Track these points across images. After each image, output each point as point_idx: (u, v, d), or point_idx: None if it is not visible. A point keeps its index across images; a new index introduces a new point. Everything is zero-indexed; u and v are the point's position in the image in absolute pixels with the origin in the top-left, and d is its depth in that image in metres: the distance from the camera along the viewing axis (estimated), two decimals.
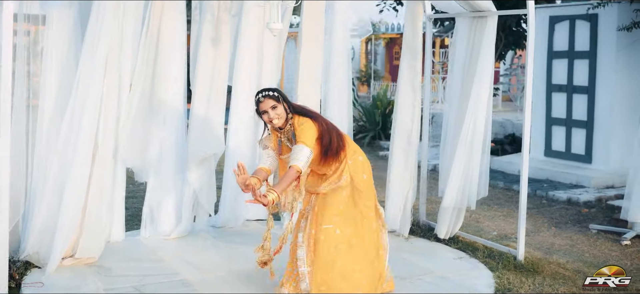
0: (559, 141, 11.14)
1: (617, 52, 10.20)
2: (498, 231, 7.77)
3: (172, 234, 6.87)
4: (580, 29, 10.71)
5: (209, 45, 6.81)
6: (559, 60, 11.05)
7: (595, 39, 10.50)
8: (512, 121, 13.99)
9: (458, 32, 6.99)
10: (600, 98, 10.54)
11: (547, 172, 10.67)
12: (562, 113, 11.05)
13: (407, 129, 7.20)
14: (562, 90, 11.02)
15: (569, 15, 10.84)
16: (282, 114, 5.07)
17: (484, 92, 6.66)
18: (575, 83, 10.85)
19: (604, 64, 10.44)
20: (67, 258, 5.93)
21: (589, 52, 10.60)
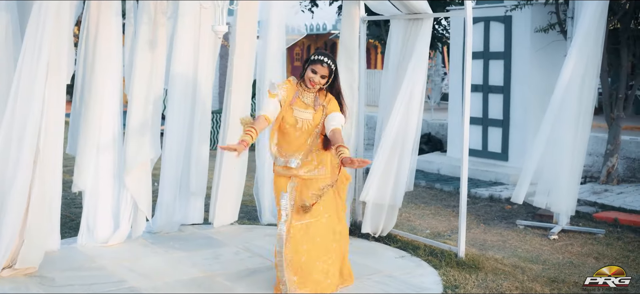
0: (476, 140, 11.47)
1: (532, 53, 10.59)
2: (431, 229, 7.93)
3: (110, 241, 6.70)
4: (495, 30, 11.07)
5: (146, 48, 6.68)
6: (474, 61, 11.35)
7: (510, 40, 10.87)
8: (427, 120, 14.29)
9: (392, 34, 7.10)
10: (515, 97, 10.93)
11: None
12: (479, 112, 11.39)
13: (346, 131, 7.24)
14: (478, 90, 11.35)
15: (483, 17, 11.18)
16: (321, 84, 5.39)
17: (417, 94, 6.80)
18: (490, 83, 11.19)
19: (518, 65, 10.83)
20: (5, 268, 5.69)
21: (504, 53, 10.96)
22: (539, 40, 10.48)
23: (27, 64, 5.49)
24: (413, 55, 6.76)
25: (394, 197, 6.92)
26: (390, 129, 6.78)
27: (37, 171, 5.69)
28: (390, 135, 6.78)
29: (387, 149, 6.82)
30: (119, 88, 6.67)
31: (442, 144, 13.12)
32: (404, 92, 6.77)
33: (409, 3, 6.61)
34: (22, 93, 5.49)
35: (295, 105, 5.39)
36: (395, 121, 6.79)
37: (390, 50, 7.12)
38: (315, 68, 5.35)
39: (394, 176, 6.88)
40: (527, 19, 10.58)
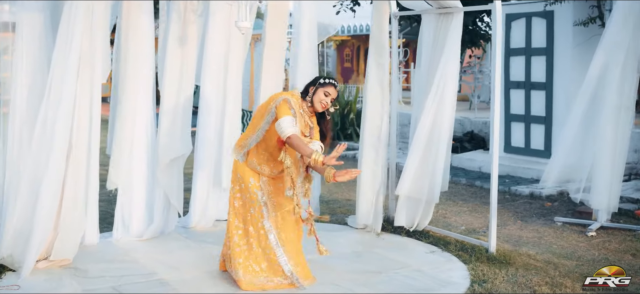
0: (519, 137, 11.36)
1: (574, 47, 10.44)
2: (466, 226, 7.89)
3: (144, 236, 6.84)
4: (537, 26, 10.93)
5: (176, 46, 6.80)
6: (516, 57, 11.26)
7: (552, 36, 10.73)
8: (470, 118, 14.18)
9: (424, 30, 7.09)
10: (558, 94, 10.78)
11: (507, 168, 10.87)
12: (521, 109, 11.27)
13: (376, 126, 7.28)
14: (521, 87, 11.23)
15: (525, 12, 11.06)
16: (328, 108, 5.41)
17: (449, 89, 6.78)
18: (533, 79, 11.07)
19: (560, 60, 10.67)
20: (41, 260, 5.87)
21: (546, 48, 10.82)
22: (581, 34, 10.33)
23: (58, 63, 5.64)
24: (444, 50, 6.74)
25: (431, 193, 6.91)
26: (423, 125, 6.77)
27: (70, 167, 5.84)
28: (424, 130, 6.77)
29: (421, 144, 6.82)
30: (152, 86, 6.80)
31: (485, 142, 13.00)
32: (436, 87, 6.76)
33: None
34: (53, 91, 5.63)
35: (304, 134, 5.34)
36: (429, 117, 6.78)
37: (422, 46, 7.11)
38: (328, 91, 5.34)
39: (430, 172, 6.87)
40: (569, 14, 10.43)
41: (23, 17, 5.79)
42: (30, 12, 5.79)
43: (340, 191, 9.89)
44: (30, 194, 5.67)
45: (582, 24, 9.83)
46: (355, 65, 31.05)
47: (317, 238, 5.60)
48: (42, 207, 5.62)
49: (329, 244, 6.69)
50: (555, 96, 10.81)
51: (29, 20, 5.80)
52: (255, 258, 5.51)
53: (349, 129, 15.08)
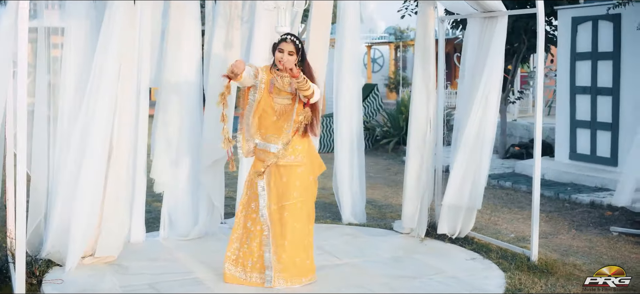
0: (584, 144, 11.07)
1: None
2: (516, 234, 7.75)
3: (190, 235, 6.99)
4: (603, 29, 10.65)
5: (221, 50, 6.94)
6: (582, 61, 10.99)
7: (619, 40, 10.43)
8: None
9: (469, 34, 7.02)
10: (625, 99, 10.46)
11: (571, 175, 10.61)
12: (587, 115, 10.99)
13: (422, 130, 7.25)
14: (586, 92, 10.96)
15: (591, 16, 10.79)
16: (292, 62, 5.46)
17: (492, 93, 6.69)
18: (599, 85, 10.78)
19: (628, 65, 10.37)
20: (87, 256, 6.09)
21: (613, 53, 10.53)
22: None
23: (98, 64, 5.83)
24: (489, 55, 6.66)
25: (472, 199, 6.84)
26: (468, 130, 6.70)
27: (111, 167, 6.04)
28: (468, 136, 6.71)
29: (465, 150, 6.75)
30: (199, 89, 6.94)
31: (552, 148, 12.71)
32: (480, 92, 6.68)
33: (482, 2, 6.51)
34: (94, 92, 5.83)
35: (274, 93, 5.56)
36: (473, 121, 6.71)
37: (467, 50, 7.04)
38: (281, 47, 5.50)
39: (472, 178, 6.80)
40: (636, 17, 10.10)
41: (71, 23, 6.03)
42: (77, 18, 6.02)
43: (396, 196, 9.86)
44: (70, 193, 5.87)
45: None
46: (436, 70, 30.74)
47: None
48: (81, 206, 5.82)
49: (369, 248, 6.78)
50: (622, 102, 10.49)
51: (76, 26, 6.03)
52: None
53: None
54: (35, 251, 6.02)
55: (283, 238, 5.59)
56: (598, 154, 10.89)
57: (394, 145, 14.72)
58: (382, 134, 15.18)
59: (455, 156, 6.87)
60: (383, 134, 15.20)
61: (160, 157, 6.95)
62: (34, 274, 5.62)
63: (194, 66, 6.89)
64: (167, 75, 6.83)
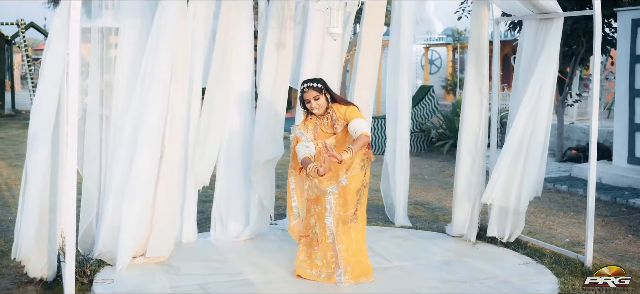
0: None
1: None
2: (571, 238, 7.61)
3: (241, 237, 7.02)
4: None
5: (273, 51, 6.95)
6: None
7: None
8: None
9: (524, 35, 6.91)
10: None
11: (630, 179, 10.37)
12: None
13: (474, 133, 7.16)
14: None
15: None
16: (323, 104, 5.72)
17: (546, 95, 6.57)
18: None
19: None
20: (138, 256, 6.16)
21: None
22: None
23: (149, 66, 5.89)
24: (542, 56, 6.54)
25: (517, 202, 6.73)
26: (514, 131, 6.61)
27: (163, 167, 6.10)
28: (514, 137, 6.61)
29: (511, 151, 6.64)
30: (250, 89, 6.97)
31: (610, 152, 12.44)
32: (530, 93, 6.57)
33: (537, 3, 6.41)
34: (145, 91, 5.89)
35: (318, 139, 5.75)
36: (521, 122, 6.60)
37: (522, 51, 6.93)
38: (305, 98, 5.75)
39: (518, 180, 6.69)
40: None
41: (124, 23, 6.10)
42: (131, 17, 6.09)
43: (449, 198, 9.75)
44: (122, 192, 5.95)
45: None
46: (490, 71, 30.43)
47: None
48: (132, 206, 5.89)
49: (420, 251, 6.73)
50: None
51: (130, 25, 6.09)
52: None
53: None
54: (87, 251, 6.13)
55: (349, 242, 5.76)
56: None
57: (449, 147, 14.58)
58: (437, 136, 15.06)
59: (500, 156, 6.76)
60: (438, 136, 15.08)
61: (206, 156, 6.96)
62: (85, 273, 5.69)
63: (245, 66, 6.92)
64: (217, 75, 6.86)
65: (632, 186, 10.24)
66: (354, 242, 5.78)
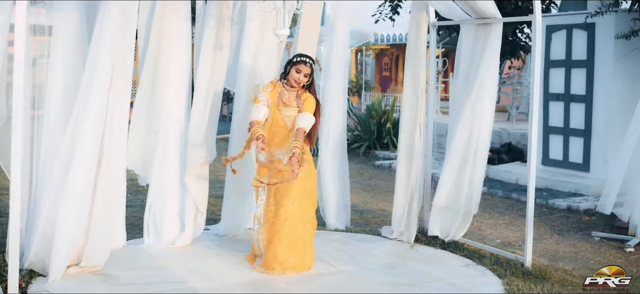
0: (557, 150, 11.18)
1: (615, 60, 10.24)
2: (501, 239, 7.76)
3: (176, 243, 6.80)
4: (578, 38, 10.75)
5: (209, 52, 6.77)
6: (556, 69, 11.08)
7: (593, 48, 10.54)
8: (508, 130, 14.01)
9: (462, 39, 6.99)
10: (598, 107, 10.58)
11: (545, 181, 10.68)
12: (560, 122, 11.09)
13: (410, 136, 7.21)
14: (560, 99, 11.05)
15: (566, 24, 10.88)
16: (305, 82, 6.06)
17: (487, 99, 6.68)
18: (572, 92, 10.88)
19: (601, 73, 10.49)
20: (72, 266, 5.85)
21: (587, 61, 10.64)
22: (622, 47, 10.13)
23: (92, 67, 5.62)
24: (483, 61, 6.64)
25: (469, 204, 6.82)
26: (459, 136, 6.69)
27: (101, 172, 5.83)
28: (461, 141, 6.70)
29: (458, 155, 6.74)
30: (187, 92, 6.77)
31: (523, 154, 12.82)
32: (474, 98, 6.66)
33: (477, 7, 6.49)
34: (87, 96, 5.62)
35: (281, 106, 6.06)
36: (466, 127, 6.69)
37: (460, 56, 7.01)
38: (300, 68, 6.03)
39: (467, 183, 6.79)
40: (610, 26, 10.23)
41: (59, 21, 5.78)
42: (66, 16, 5.78)
43: (375, 201, 9.82)
44: (58, 199, 5.63)
45: (624, 36, 9.65)
46: (394, 74, 30.95)
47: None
48: (68, 213, 5.59)
49: (361, 255, 6.70)
50: (595, 109, 10.61)
51: (65, 24, 5.78)
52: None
53: (385, 139, 14.99)
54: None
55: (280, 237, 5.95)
56: (570, 159, 11.00)
57: (365, 149, 14.68)
58: (352, 138, 15.11)
59: (447, 160, 6.85)
60: (353, 138, 15.14)
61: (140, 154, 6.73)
62: (19, 285, 5.36)
63: (181, 68, 6.70)
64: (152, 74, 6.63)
65: (548, 187, 10.55)
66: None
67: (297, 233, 6.04)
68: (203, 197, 6.98)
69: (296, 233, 6.04)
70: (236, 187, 7.17)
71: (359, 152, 14.68)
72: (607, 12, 9.68)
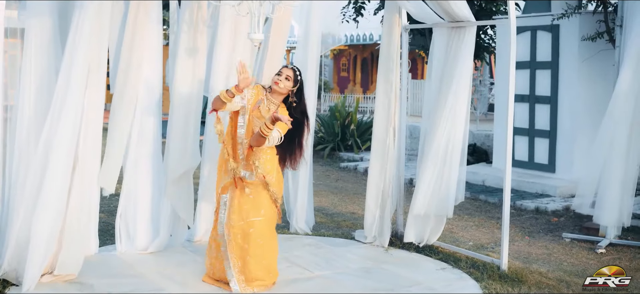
0: (522, 151, 11.28)
1: (580, 62, 10.37)
2: (474, 241, 7.79)
3: (149, 249, 6.69)
4: (542, 39, 10.86)
5: (186, 56, 6.66)
6: (520, 70, 11.15)
7: (557, 50, 10.66)
8: (473, 131, 14.08)
9: (435, 43, 7.00)
10: (562, 108, 10.71)
11: (511, 181, 10.60)
12: (525, 123, 11.19)
13: (382, 140, 7.21)
14: (525, 100, 11.15)
15: (530, 26, 10.99)
16: (284, 90, 5.61)
17: (461, 103, 6.70)
18: (537, 93, 10.99)
19: (566, 74, 10.61)
20: (46, 274, 5.72)
21: (551, 62, 10.76)
22: (587, 49, 10.27)
23: (67, 72, 5.50)
24: (457, 66, 6.65)
25: (443, 208, 6.83)
26: (437, 140, 6.70)
27: (76, 178, 5.71)
28: (436, 146, 6.70)
29: (433, 160, 6.74)
30: (159, 95, 6.66)
31: (488, 155, 12.93)
32: (450, 103, 6.67)
33: (450, 9, 6.51)
34: (62, 101, 5.49)
35: (255, 114, 5.60)
36: (443, 131, 6.71)
37: (433, 60, 7.03)
38: (281, 70, 5.65)
39: (443, 187, 6.80)
40: (575, 28, 10.37)
41: (32, 24, 5.65)
42: (39, 18, 5.66)
43: (344, 203, 9.80)
44: (33, 206, 5.50)
45: (589, 38, 9.78)
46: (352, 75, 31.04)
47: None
48: (43, 220, 5.47)
49: (337, 259, 6.68)
50: (560, 110, 10.74)
51: (38, 27, 5.66)
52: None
53: (349, 140, 14.99)
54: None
55: (246, 253, 5.63)
56: (536, 160, 11.11)
57: (330, 151, 14.66)
58: (316, 141, 15.08)
59: (422, 166, 6.85)
60: (317, 141, 15.11)
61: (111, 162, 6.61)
62: None
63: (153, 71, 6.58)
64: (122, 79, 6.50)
65: (514, 188, 10.63)
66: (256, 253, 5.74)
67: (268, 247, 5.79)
68: (185, 203, 6.87)
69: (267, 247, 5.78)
70: (209, 191, 7.08)
71: (323, 154, 14.65)
72: (572, 15, 9.79)
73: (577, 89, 10.51)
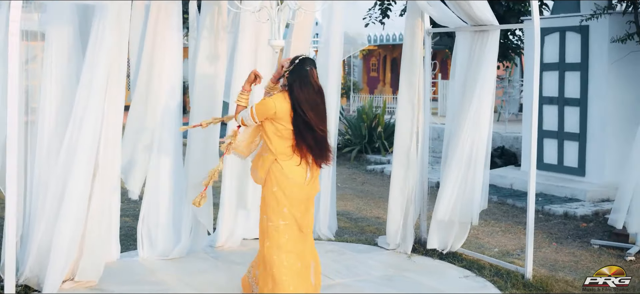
0: (551, 154, 11.11)
1: (610, 64, 10.18)
2: (499, 248, 7.67)
3: (171, 255, 6.68)
4: (571, 41, 10.69)
5: (206, 63, 6.66)
6: (549, 72, 11.01)
7: (587, 51, 10.48)
8: (501, 133, 13.93)
9: (458, 46, 6.91)
10: (592, 110, 10.53)
11: (540, 185, 10.60)
12: (554, 126, 11.02)
13: (406, 144, 7.12)
14: (554, 102, 10.99)
15: (559, 27, 10.82)
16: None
17: (485, 107, 6.60)
18: (566, 95, 10.82)
19: (596, 76, 10.43)
20: (67, 281, 5.74)
21: (581, 64, 10.58)
22: (617, 51, 10.08)
23: (88, 78, 5.51)
24: (481, 69, 6.54)
25: (468, 214, 6.72)
26: (461, 145, 6.60)
27: (96, 184, 5.72)
28: (461, 150, 6.60)
29: (457, 164, 6.64)
30: (179, 101, 6.64)
31: (516, 157, 12.76)
32: (474, 106, 6.57)
33: (472, 12, 6.41)
34: (83, 107, 5.49)
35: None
36: (467, 135, 6.60)
37: (456, 63, 6.93)
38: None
39: (467, 192, 6.69)
40: (605, 29, 10.18)
41: (52, 28, 5.67)
42: (60, 23, 5.68)
43: (369, 208, 9.72)
44: (55, 214, 5.52)
45: (619, 40, 9.59)
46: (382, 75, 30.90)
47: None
48: (64, 227, 5.48)
49: (359, 266, 6.60)
50: (590, 113, 10.56)
51: (59, 31, 5.68)
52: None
53: (376, 143, 14.88)
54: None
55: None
56: (565, 164, 10.94)
57: (357, 153, 14.57)
58: (343, 143, 15.01)
59: (446, 171, 6.76)
60: (344, 143, 15.03)
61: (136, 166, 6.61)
62: None
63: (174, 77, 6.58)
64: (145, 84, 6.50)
65: (543, 192, 10.48)
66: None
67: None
68: (206, 209, 6.84)
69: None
70: (232, 196, 7.06)
71: (350, 156, 14.57)
72: (601, 16, 9.61)
73: (606, 91, 10.32)
